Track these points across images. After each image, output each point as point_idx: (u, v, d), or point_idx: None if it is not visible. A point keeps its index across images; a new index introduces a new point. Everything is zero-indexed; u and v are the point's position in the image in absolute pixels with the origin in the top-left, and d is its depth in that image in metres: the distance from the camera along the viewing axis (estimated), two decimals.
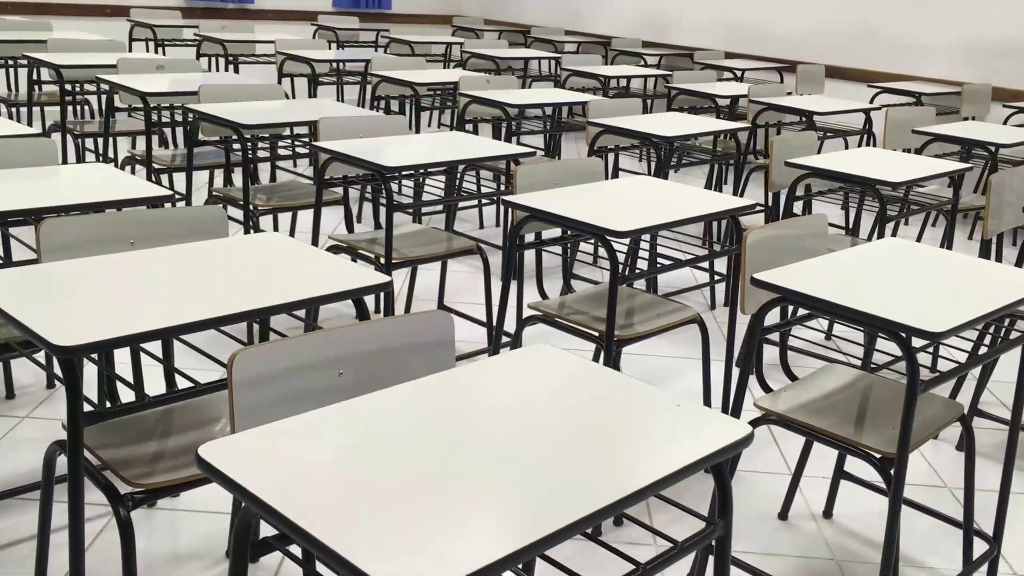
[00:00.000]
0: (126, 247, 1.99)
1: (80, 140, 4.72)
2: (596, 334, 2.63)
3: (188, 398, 1.78)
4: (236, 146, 3.64)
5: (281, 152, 4.87)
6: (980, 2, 5.97)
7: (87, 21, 7.53)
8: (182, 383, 2.42)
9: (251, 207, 3.45)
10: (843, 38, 6.71)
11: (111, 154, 4.73)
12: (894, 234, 5.13)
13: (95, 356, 2.07)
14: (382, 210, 3.80)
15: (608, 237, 2.42)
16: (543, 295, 2.90)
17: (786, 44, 7.10)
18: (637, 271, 4.17)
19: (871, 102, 5.97)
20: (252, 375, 1.34)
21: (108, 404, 2.54)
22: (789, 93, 5.47)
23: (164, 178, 4.13)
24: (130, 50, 6.42)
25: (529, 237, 2.99)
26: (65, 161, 4.95)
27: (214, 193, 3.59)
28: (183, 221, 2.09)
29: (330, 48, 6.47)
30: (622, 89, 6.51)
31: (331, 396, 1.39)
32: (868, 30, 6.56)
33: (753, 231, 2.25)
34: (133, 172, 4.26)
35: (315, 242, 3.29)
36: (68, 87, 4.65)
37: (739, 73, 6.74)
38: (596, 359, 3.22)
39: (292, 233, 4.35)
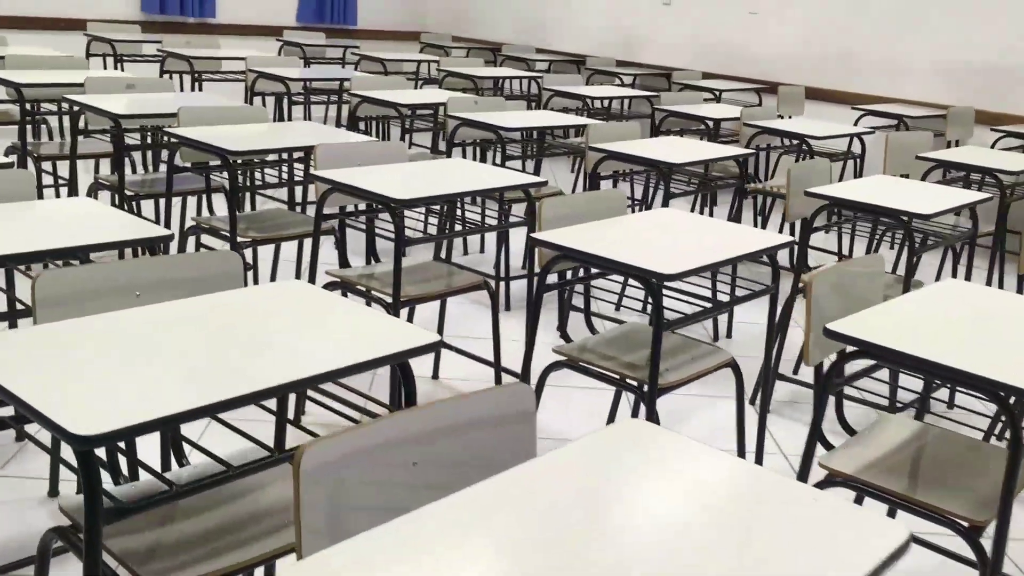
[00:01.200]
0: (131, 300, 1.75)
1: (38, 164, 4.41)
2: (633, 382, 2.45)
3: (221, 484, 1.54)
4: (219, 173, 3.39)
5: (269, 179, 4.60)
6: (959, 24, 5.92)
7: (40, 35, 7.10)
8: (196, 456, 2.16)
9: (236, 239, 3.21)
10: (819, 59, 6.61)
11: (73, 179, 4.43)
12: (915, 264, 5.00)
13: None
14: (380, 242, 3.55)
15: (654, 280, 2.23)
16: (566, 338, 2.70)
17: (762, 64, 6.98)
18: (674, 313, 3.98)
19: (855, 124, 5.87)
20: (320, 472, 1.12)
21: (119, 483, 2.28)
22: (780, 116, 5.34)
23: (133, 206, 3.85)
24: (87, 57, 6.15)
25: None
26: None
27: (199, 223, 3.33)
28: (194, 266, 1.85)
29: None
30: (603, 110, 6.33)
31: (409, 492, 1.18)
32: (844, 51, 6.47)
33: (819, 274, 2.08)
34: (96, 198, 3.97)
35: (312, 279, 3.06)
36: (28, 106, 4.34)
37: (717, 94, 6.61)
38: (616, 403, 3.04)
39: (275, 265, 4.10)
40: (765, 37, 6.93)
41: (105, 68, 6.45)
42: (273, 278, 3.77)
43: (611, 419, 3.02)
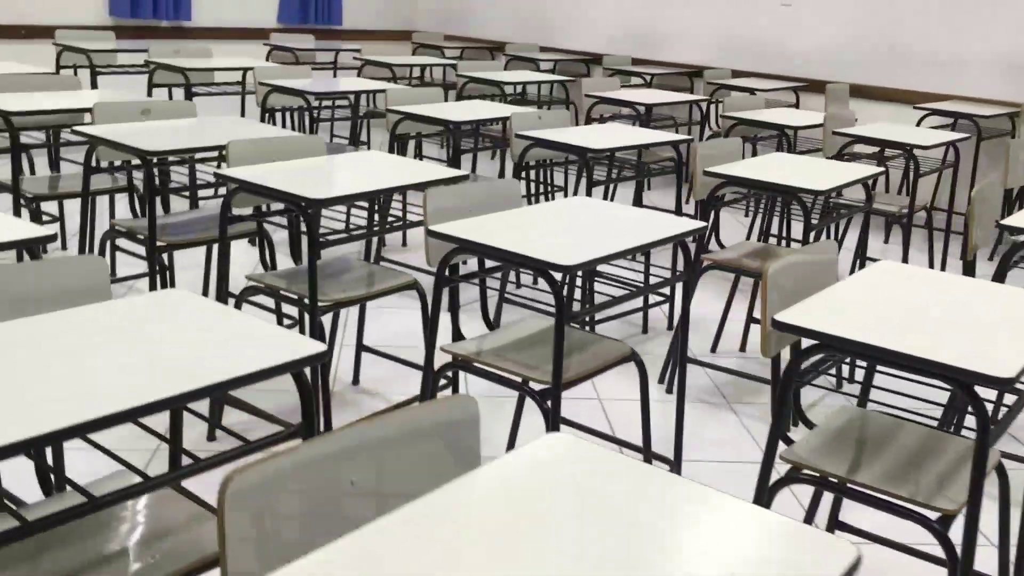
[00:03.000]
0: None
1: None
2: (526, 382, 2.26)
3: (81, 516, 1.39)
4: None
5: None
6: (1019, 15, 5.50)
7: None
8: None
9: (155, 244, 3.05)
10: (864, 54, 6.12)
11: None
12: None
13: None
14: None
15: (551, 272, 2.07)
16: (457, 335, 2.52)
17: (796, 60, 6.44)
18: (577, 302, 3.80)
19: (918, 124, 5.44)
20: (248, 500, 1.05)
21: None
22: (857, 120, 4.89)
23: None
24: (57, 72, 5.68)
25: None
26: None
27: (115, 227, 3.18)
28: (54, 274, 1.69)
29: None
30: (638, 115, 5.36)
31: (347, 517, 1.14)
32: (891, 44, 5.97)
33: (775, 262, 1.95)
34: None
35: (222, 288, 2.90)
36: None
37: (753, 93, 6.02)
38: (521, 404, 2.85)
39: (207, 270, 3.85)
40: (800, 31, 6.41)
41: (81, 83, 6.09)
42: (172, 284, 3.57)
43: (515, 423, 2.86)
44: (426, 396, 2.44)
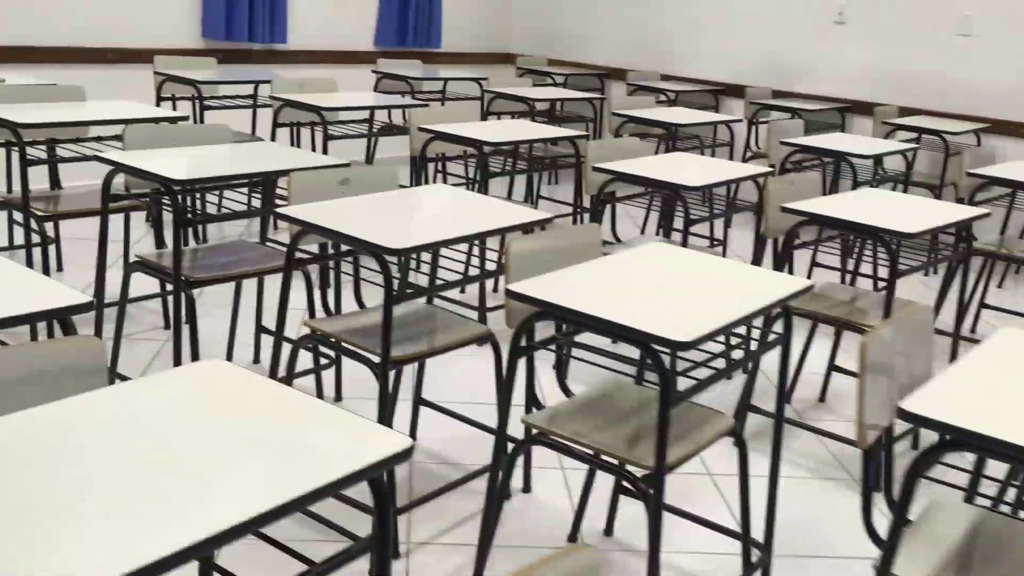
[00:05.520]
0: None
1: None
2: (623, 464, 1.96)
3: None
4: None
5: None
6: None
7: (71, 70, 5.72)
8: None
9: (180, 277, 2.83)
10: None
11: None
12: None
13: None
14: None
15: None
16: (533, 402, 2.24)
17: (974, 98, 5.80)
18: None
19: None
20: None
21: None
22: None
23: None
24: (158, 105, 5.05)
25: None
26: None
27: (143, 260, 2.98)
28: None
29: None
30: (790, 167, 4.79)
31: None
32: None
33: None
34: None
35: (278, 344, 2.67)
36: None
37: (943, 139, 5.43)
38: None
39: (235, 310, 3.62)
40: (972, 63, 5.77)
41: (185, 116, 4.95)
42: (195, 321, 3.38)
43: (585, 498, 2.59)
44: (497, 473, 2.14)
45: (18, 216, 4.07)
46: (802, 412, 3.46)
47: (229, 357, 3.49)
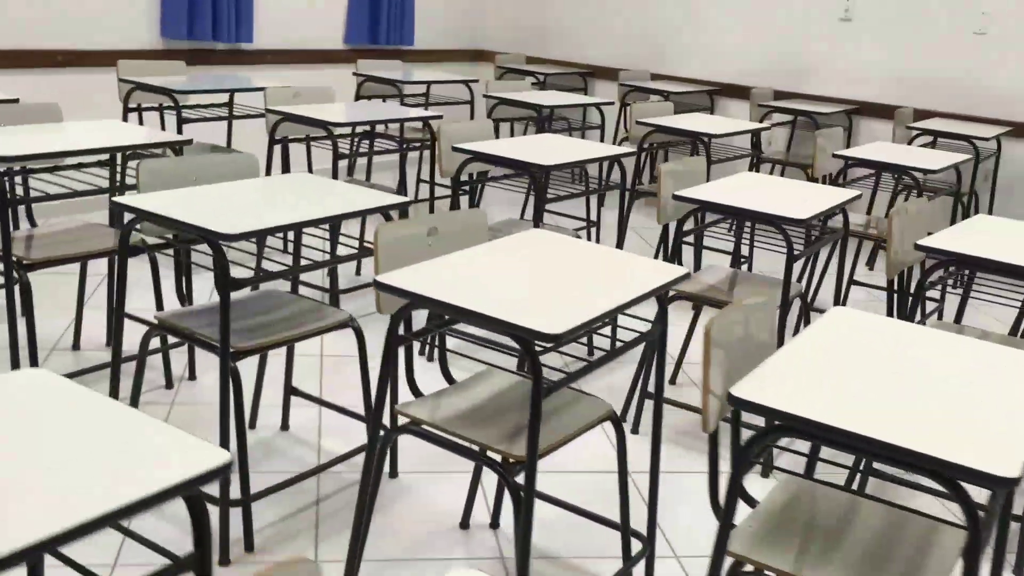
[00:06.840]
0: None
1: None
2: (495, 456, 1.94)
3: None
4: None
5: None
6: None
7: (23, 75, 5.07)
8: None
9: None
10: None
11: None
12: None
13: None
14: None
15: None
16: (414, 391, 2.21)
17: (1004, 101, 5.62)
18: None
19: None
20: None
21: None
22: None
23: None
24: (125, 119, 4.56)
25: None
26: None
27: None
28: None
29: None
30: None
31: None
32: None
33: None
34: None
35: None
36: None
37: (933, 139, 5.38)
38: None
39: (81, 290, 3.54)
40: (993, 64, 5.62)
41: (160, 127, 4.68)
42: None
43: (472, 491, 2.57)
44: (372, 461, 2.10)
45: None
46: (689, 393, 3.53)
47: (76, 345, 3.45)
